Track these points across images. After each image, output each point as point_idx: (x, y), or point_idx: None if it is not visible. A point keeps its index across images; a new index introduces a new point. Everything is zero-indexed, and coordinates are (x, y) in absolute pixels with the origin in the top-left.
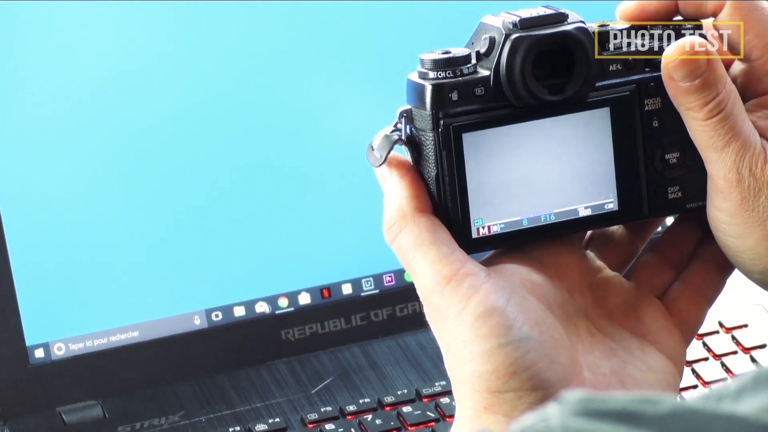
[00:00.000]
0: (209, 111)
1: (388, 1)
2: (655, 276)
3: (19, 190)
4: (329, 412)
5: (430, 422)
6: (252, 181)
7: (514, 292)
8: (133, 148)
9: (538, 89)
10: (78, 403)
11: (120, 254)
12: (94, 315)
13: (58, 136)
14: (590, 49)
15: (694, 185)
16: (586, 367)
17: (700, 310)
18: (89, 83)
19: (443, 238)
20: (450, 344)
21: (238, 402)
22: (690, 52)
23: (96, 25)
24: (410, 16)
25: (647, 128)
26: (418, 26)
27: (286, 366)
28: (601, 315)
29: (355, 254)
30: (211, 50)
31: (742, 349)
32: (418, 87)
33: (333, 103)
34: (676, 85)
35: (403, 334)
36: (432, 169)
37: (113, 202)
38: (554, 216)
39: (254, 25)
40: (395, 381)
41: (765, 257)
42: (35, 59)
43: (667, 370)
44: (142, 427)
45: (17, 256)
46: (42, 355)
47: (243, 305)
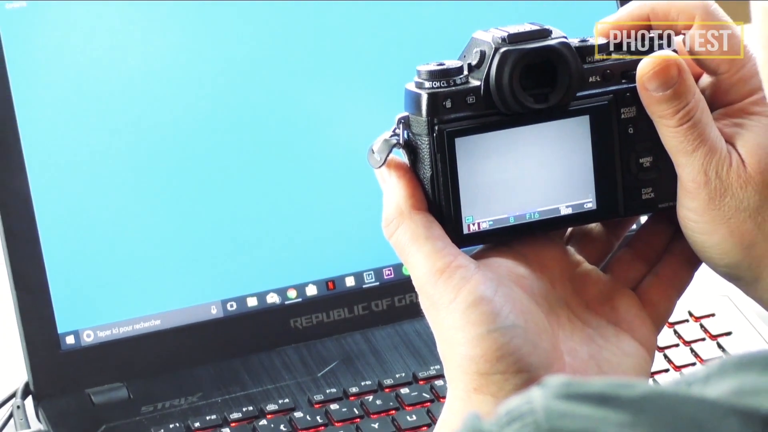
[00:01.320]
0: (224, 116)
1: (389, 19)
2: (630, 269)
3: (53, 194)
4: (334, 393)
5: (425, 403)
6: (264, 184)
7: (502, 283)
8: (157, 151)
9: (524, 98)
10: (105, 385)
11: (144, 250)
12: (120, 305)
13: (89, 139)
14: (572, 62)
15: (666, 187)
16: (566, 352)
17: (670, 300)
18: (118, 94)
19: (437, 234)
20: (443, 330)
21: (250, 384)
22: (662, 65)
23: (120, 36)
24: (409, 31)
25: (623, 135)
26: (415, 40)
27: (295, 351)
28: (580, 305)
29: (358, 250)
30: (226, 59)
31: (709, 336)
32: (415, 95)
33: (338, 111)
34: (649, 95)
35: (401, 322)
36: (427, 171)
37: (139, 203)
38: (538, 214)
39: (267, 34)
40: (394, 365)
41: (730, 252)
42: (66, 63)
43: (640, 355)
44: (164, 407)
45: (50, 252)
46: (72, 342)
47: (255, 296)
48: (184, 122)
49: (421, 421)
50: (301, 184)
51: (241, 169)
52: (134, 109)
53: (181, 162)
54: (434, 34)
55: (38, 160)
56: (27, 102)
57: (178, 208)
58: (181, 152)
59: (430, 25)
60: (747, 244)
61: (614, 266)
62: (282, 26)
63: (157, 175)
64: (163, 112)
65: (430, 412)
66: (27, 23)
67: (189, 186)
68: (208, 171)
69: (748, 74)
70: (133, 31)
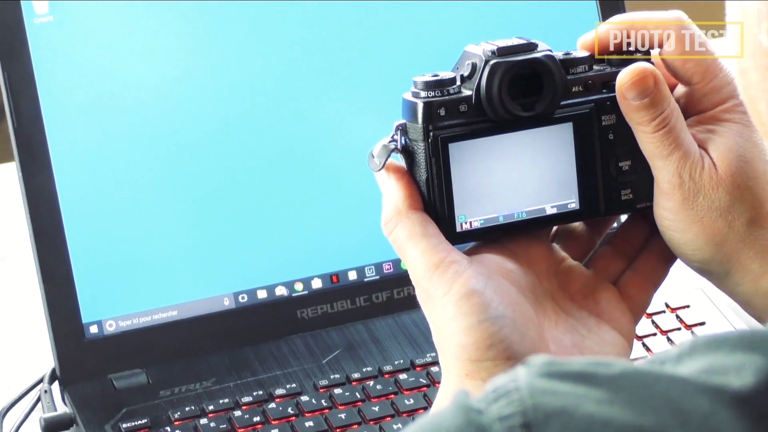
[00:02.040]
0: (237, 124)
1: (389, 35)
2: (610, 265)
3: (78, 195)
4: (337, 378)
5: (422, 387)
6: (274, 187)
7: (491, 277)
8: (174, 155)
9: (512, 106)
10: (126, 371)
11: (162, 246)
12: (140, 296)
13: (111, 143)
14: (556, 73)
15: (643, 188)
16: (552, 340)
17: (647, 294)
18: (138, 99)
19: (432, 232)
20: (437, 321)
21: (261, 370)
22: (640, 76)
23: (139, 47)
24: (407, 45)
25: (604, 140)
26: (412, 54)
27: (301, 340)
28: (564, 297)
29: (360, 246)
30: (241, 68)
31: (684, 326)
32: (412, 104)
33: (341, 122)
34: (628, 104)
35: (399, 313)
36: (423, 174)
37: (158, 203)
38: (525, 213)
39: (281, 46)
40: (393, 353)
41: (702, 249)
42: (88, 71)
43: (619, 344)
44: (180, 391)
45: (75, 248)
46: (96, 331)
47: (265, 289)
48: (201, 128)
49: (418, 404)
50: (308, 187)
51: (254, 173)
52: (153, 113)
53: (198, 165)
54: (430, 48)
55: (64, 163)
56: (53, 107)
57: (194, 207)
58: (197, 157)
59: (426, 40)
60: (718, 241)
61: (596, 262)
62: (294, 39)
63: (174, 178)
64: (181, 116)
65: (426, 396)
66: (53, 36)
67: (204, 187)
68: (222, 175)
69: (719, 84)
70: (151, 42)
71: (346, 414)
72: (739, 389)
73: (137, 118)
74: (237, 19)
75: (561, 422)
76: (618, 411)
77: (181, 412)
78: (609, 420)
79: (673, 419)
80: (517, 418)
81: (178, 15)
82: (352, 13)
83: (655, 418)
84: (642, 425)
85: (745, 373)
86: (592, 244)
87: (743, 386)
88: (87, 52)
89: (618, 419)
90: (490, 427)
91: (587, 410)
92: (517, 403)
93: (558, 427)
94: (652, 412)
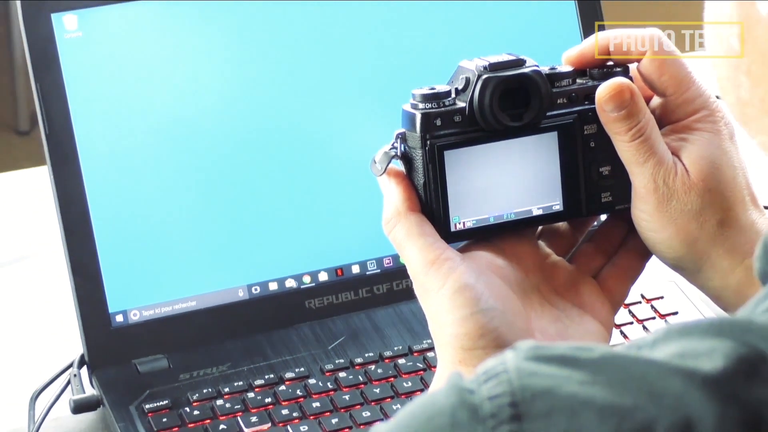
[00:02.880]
0: (253, 132)
1: (391, 50)
2: (591, 261)
3: (105, 196)
4: (342, 363)
5: (419, 371)
6: (284, 189)
7: (483, 273)
8: (193, 160)
9: (502, 117)
10: (149, 356)
11: (182, 242)
12: (162, 288)
13: (134, 148)
14: (543, 87)
15: (621, 192)
16: (537, 330)
17: (625, 287)
18: (159, 106)
19: (428, 231)
20: (433, 312)
21: (272, 355)
22: (617, 90)
23: (160, 60)
24: (407, 60)
25: (586, 148)
26: (412, 68)
27: (309, 328)
28: (549, 290)
29: (362, 242)
30: (254, 79)
31: (659, 315)
32: (410, 115)
33: (348, 131)
34: (606, 115)
35: (399, 303)
36: (420, 178)
37: (178, 203)
38: (513, 214)
39: (292, 60)
40: (393, 340)
41: (676, 247)
42: (114, 82)
43: (599, 332)
44: (198, 374)
45: (102, 244)
46: (121, 320)
47: (276, 281)
48: (218, 134)
49: (416, 386)
50: (316, 189)
51: (266, 177)
52: (173, 119)
53: (216, 169)
54: (428, 63)
55: (92, 166)
56: (82, 115)
57: (211, 207)
58: (215, 161)
59: (425, 54)
60: (690, 240)
61: (578, 258)
62: (310, 52)
63: (194, 180)
64: (199, 122)
65: (423, 379)
66: (82, 50)
67: (221, 189)
68: (238, 178)
69: (692, 96)
70: (171, 55)
71: (350, 395)
72: (709, 372)
73: (158, 124)
74: (253, 32)
75: (546, 401)
76: (598, 391)
77: (199, 394)
78: (590, 399)
79: (648, 399)
80: (506, 397)
81: (194, 32)
82: (361, 29)
83: (632, 397)
84: (620, 404)
85: (715, 357)
86: (575, 241)
87: (713, 369)
88: (112, 65)
89: (598, 398)
90: (481, 406)
91: (570, 390)
92: (505, 384)
93: (543, 405)
94: (629, 392)
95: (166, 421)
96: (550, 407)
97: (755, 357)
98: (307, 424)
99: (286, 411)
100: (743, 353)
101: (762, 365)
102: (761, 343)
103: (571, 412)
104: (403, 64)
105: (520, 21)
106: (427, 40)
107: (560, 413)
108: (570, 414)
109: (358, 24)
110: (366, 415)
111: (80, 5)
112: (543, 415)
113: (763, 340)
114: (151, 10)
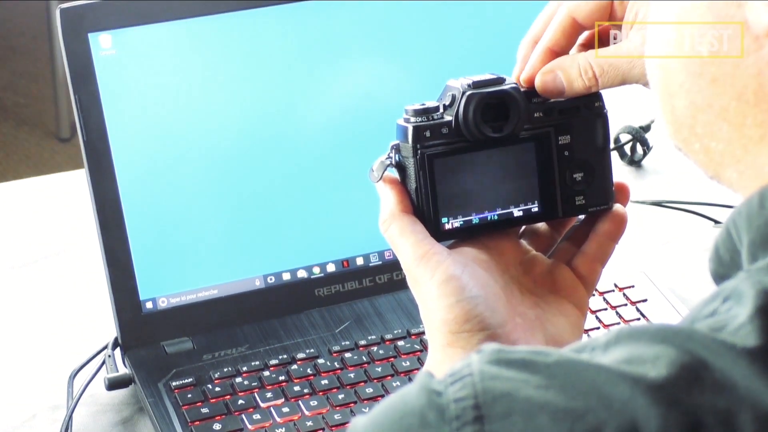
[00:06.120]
0: (269, 141)
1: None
2: (566, 252)
3: (137, 197)
4: (347, 345)
5: (416, 352)
6: (297, 191)
7: (468, 265)
8: (216, 163)
9: (485, 129)
10: (175, 339)
11: (205, 237)
12: (188, 278)
13: (163, 154)
14: (521, 102)
15: (594, 195)
16: (518, 314)
17: (596, 271)
18: (186, 116)
19: (419, 230)
20: (423, 301)
21: (285, 338)
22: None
23: (186, 77)
24: (403, 81)
25: (560, 156)
26: (407, 88)
27: (318, 314)
28: (528, 279)
29: (366, 237)
30: (268, 93)
31: (630, 302)
32: (403, 128)
33: (351, 143)
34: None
35: (398, 291)
36: (413, 184)
37: (202, 203)
38: (496, 216)
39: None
40: (393, 324)
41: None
42: (145, 95)
43: (575, 314)
44: (220, 355)
45: (134, 238)
46: (151, 306)
47: (289, 272)
48: (238, 140)
49: (413, 365)
50: (325, 191)
51: (280, 179)
52: (197, 128)
53: (236, 172)
54: (427, 67)
55: (125, 169)
56: (116, 124)
57: (231, 206)
58: (235, 165)
59: (418, 73)
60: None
61: (555, 253)
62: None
63: (216, 182)
64: (221, 130)
65: (419, 359)
66: (116, 66)
67: (240, 190)
68: (255, 180)
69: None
70: (195, 71)
71: (355, 374)
72: (654, 379)
73: (183, 131)
74: (270, 56)
75: (505, 404)
76: (552, 395)
77: (221, 372)
78: (545, 403)
79: (598, 403)
80: (470, 400)
81: (211, 49)
82: (370, 45)
83: (583, 401)
84: (573, 408)
85: (660, 364)
86: (554, 241)
87: (658, 376)
88: (143, 79)
89: (552, 402)
90: (447, 407)
91: (527, 394)
92: (469, 387)
93: (502, 408)
94: (581, 396)
95: (190, 396)
96: (509, 410)
97: (697, 364)
98: (316, 399)
99: (298, 387)
100: (686, 361)
101: (703, 372)
102: (702, 351)
103: (528, 414)
104: (408, 77)
105: (514, 21)
106: (427, 49)
107: (518, 415)
108: (527, 416)
109: (368, 41)
110: (369, 391)
111: (114, 25)
112: (502, 417)
113: (704, 348)
114: (179, 30)
